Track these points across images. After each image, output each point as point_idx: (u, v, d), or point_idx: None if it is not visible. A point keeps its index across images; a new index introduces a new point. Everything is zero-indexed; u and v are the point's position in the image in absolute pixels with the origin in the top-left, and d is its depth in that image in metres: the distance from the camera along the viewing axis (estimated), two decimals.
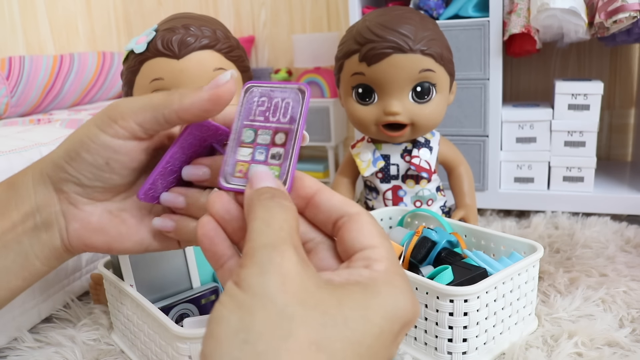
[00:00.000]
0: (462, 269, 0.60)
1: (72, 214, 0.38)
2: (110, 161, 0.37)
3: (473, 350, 0.57)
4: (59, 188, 0.38)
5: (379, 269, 0.27)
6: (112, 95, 1.42)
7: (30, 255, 0.39)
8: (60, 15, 1.60)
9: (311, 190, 0.31)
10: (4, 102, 1.07)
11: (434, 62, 0.76)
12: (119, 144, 0.36)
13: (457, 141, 1.07)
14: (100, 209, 0.39)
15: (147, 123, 0.36)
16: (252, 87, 0.35)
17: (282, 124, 0.34)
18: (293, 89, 0.34)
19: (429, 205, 0.86)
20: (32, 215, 0.38)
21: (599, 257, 0.85)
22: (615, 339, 0.61)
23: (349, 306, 0.24)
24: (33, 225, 0.39)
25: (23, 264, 0.39)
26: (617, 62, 1.28)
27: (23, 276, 0.39)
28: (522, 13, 0.99)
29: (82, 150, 0.36)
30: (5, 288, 0.39)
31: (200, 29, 0.71)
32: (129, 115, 0.36)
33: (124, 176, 0.38)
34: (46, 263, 0.40)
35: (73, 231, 0.39)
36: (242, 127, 0.34)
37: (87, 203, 0.38)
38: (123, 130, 0.36)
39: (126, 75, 0.74)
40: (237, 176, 0.33)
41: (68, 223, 0.39)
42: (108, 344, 0.66)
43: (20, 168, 0.72)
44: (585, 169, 1.05)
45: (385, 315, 0.25)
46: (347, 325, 0.23)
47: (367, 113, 0.80)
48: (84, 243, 0.39)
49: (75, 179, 0.37)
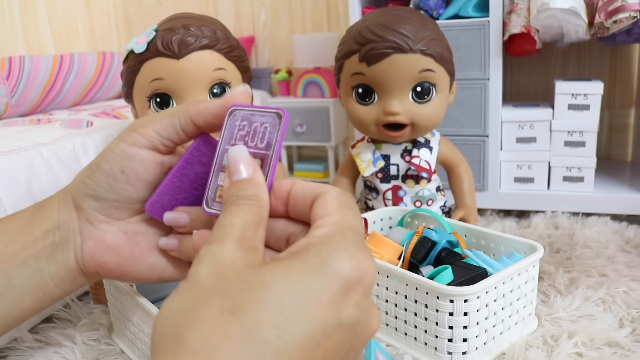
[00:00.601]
0: (462, 269, 0.60)
1: (88, 231, 0.39)
2: (125, 169, 0.38)
3: (473, 350, 0.57)
4: (78, 205, 0.39)
5: (318, 234, 0.27)
6: (112, 95, 1.42)
7: (46, 275, 0.39)
8: (60, 15, 1.60)
9: (287, 187, 0.32)
10: (4, 102, 1.07)
11: (434, 62, 0.76)
12: (135, 151, 0.37)
13: (457, 141, 1.07)
14: (115, 228, 0.40)
15: (165, 131, 0.37)
16: (235, 111, 0.36)
17: (259, 149, 0.34)
18: (271, 114, 0.34)
19: (429, 205, 0.86)
20: (53, 233, 0.39)
21: (599, 257, 0.85)
22: (615, 339, 0.61)
23: (269, 270, 0.24)
24: (52, 243, 0.39)
25: (38, 283, 0.39)
26: (617, 62, 1.28)
27: (37, 297, 0.40)
28: (522, 13, 0.99)
29: (102, 160, 0.38)
30: (18, 306, 0.39)
31: (200, 29, 0.71)
32: (148, 124, 0.37)
33: (137, 188, 0.39)
34: (60, 285, 0.40)
35: (87, 249, 0.39)
36: (224, 151, 0.35)
37: (104, 221, 0.39)
38: (141, 137, 0.37)
39: (126, 75, 0.74)
40: (217, 201, 0.35)
41: (83, 241, 0.39)
42: (108, 344, 0.66)
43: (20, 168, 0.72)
44: (585, 169, 1.05)
45: (311, 274, 0.24)
46: (263, 287, 0.23)
47: (367, 113, 0.80)
48: (97, 263, 0.39)
49: (93, 191, 0.38)
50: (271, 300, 0.22)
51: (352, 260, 0.25)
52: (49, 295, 0.40)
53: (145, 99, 0.73)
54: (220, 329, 0.22)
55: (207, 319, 0.22)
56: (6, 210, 0.69)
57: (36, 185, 0.73)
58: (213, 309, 0.22)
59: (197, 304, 0.23)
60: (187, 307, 0.23)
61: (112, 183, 0.38)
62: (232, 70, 0.74)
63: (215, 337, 0.22)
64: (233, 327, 0.22)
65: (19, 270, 0.38)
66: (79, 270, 0.40)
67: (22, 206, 0.72)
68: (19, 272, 0.38)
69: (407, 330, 0.61)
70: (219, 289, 0.23)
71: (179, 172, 0.38)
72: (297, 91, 1.50)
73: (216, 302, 0.23)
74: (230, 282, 0.24)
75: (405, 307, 0.60)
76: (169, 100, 0.72)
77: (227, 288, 0.23)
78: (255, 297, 0.23)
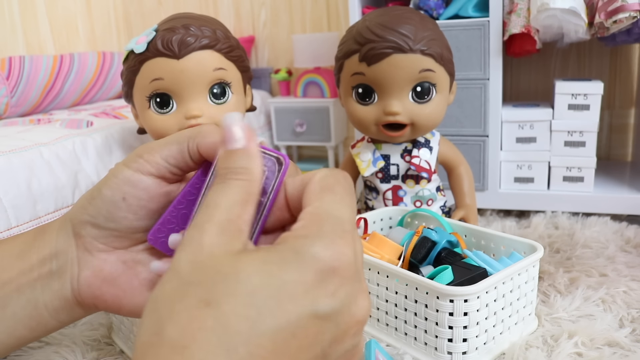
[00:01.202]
0: (462, 269, 0.60)
1: (86, 260, 0.37)
2: (127, 196, 0.35)
3: (473, 350, 0.57)
4: (77, 232, 0.37)
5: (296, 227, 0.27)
6: (112, 95, 1.42)
7: (40, 304, 0.38)
8: (60, 15, 1.60)
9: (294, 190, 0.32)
10: (4, 102, 1.07)
11: (434, 62, 0.76)
12: (139, 178, 0.35)
13: (457, 141, 1.07)
14: (114, 258, 0.38)
15: (173, 158, 0.35)
16: None
17: None
18: (272, 158, 0.33)
19: (429, 205, 0.86)
20: (50, 260, 0.38)
21: (599, 257, 0.85)
22: (615, 339, 0.61)
23: (246, 263, 0.24)
24: (48, 271, 0.38)
25: (32, 312, 0.38)
26: (617, 62, 1.28)
27: (30, 326, 0.38)
28: (522, 13, 0.99)
29: (104, 186, 0.36)
30: (11, 335, 0.38)
31: (200, 29, 0.71)
32: (156, 150, 0.35)
33: (139, 217, 0.36)
34: (55, 316, 0.38)
35: (84, 279, 0.37)
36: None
37: (103, 250, 0.37)
38: (147, 164, 0.35)
39: (126, 75, 0.74)
40: None
41: (80, 270, 0.37)
42: (108, 344, 0.66)
43: (20, 168, 0.72)
44: (585, 169, 1.05)
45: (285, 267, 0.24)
46: (238, 281, 0.23)
47: (367, 113, 0.80)
48: (94, 294, 0.38)
49: (93, 218, 0.36)
50: (245, 293, 0.23)
51: (325, 250, 0.25)
52: (43, 325, 0.38)
53: (145, 99, 0.73)
54: (195, 321, 0.23)
55: (184, 310, 0.23)
56: (6, 210, 0.69)
57: (36, 185, 0.73)
58: (190, 300, 0.23)
59: (176, 295, 0.24)
60: (168, 298, 0.24)
61: (113, 210, 0.36)
62: (232, 70, 0.74)
63: (190, 328, 0.22)
64: (208, 318, 0.22)
65: (14, 298, 0.37)
66: (76, 301, 0.38)
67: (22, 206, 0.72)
68: (13, 300, 0.37)
69: (407, 330, 0.61)
70: (197, 280, 0.24)
71: (184, 199, 0.36)
72: (297, 91, 1.50)
73: (193, 293, 0.23)
74: (208, 273, 0.24)
75: (405, 307, 0.60)
76: (169, 100, 0.72)
77: (204, 279, 0.24)
78: (230, 289, 0.23)
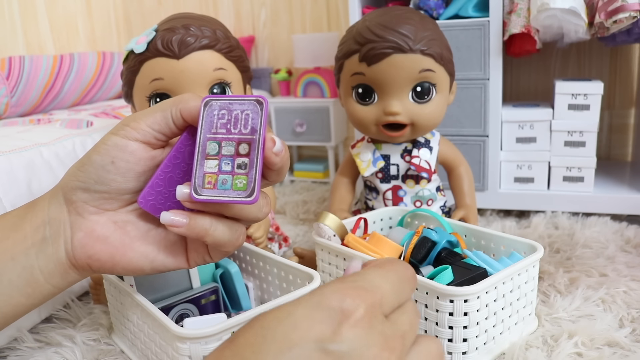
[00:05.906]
0: (462, 269, 0.60)
1: (79, 223, 0.39)
2: (115, 160, 0.38)
3: (473, 351, 0.57)
4: (68, 199, 0.39)
5: None
6: (112, 95, 1.42)
7: (35, 270, 0.39)
8: (60, 15, 1.60)
9: None
10: (4, 102, 1.07)
11: (434, 62, 0.76)
12: (126, 143, 0.38)
13: (457, 141, 1.07)
14: (105, 219, 0.40)
15: (157, 124, 0.38)
16: (211, 101, 0.37)
17: (244, 135, 0.36)
18: (251, 101, 0.36)
19: (429, 205, 0.86)
20: (43, 228, 0.39)
21: (599, 257, 0.85)
22: (615, 339, 0.61)
23: None
24: (42, 238, 0.39)
25: (28, 279, 0.39)
26: (617, 62, 1.28)
27: (27, 292, 0.40)
28: (522, 13, 0.99)
29: (94, 153, 0.38)
30: (8, 303, 0.40)
31: (200, 29, 0.71)
32: (141, 118, 0.38)
33: (127, 179, 0.39)
34: (50, 280, 0.40)
35: (77, 241, 0.39)
36: (206, 140, 0.36)
37: (94, 212, 0.40)
38: (134, 131, 0.38)
39: (126, 75, 0.74)
40: (207, 187, 0.36)
41: (73, 233, 0.39)
42: (108, 344, 0.66)
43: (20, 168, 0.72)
44: (585, 169, 1.05)
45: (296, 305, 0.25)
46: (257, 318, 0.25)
47: (367, 113, 0.80)
48: (87, 254, 0.40)
49: (83, 183, 0.39)
50: (257, 326, 0.25)
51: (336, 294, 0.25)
52: (39, 291, 0.40)
53: (145, 99, 0.73)
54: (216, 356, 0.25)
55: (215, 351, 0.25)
56: (6, 210, 0.69)
57: (36, 185, 0.73)
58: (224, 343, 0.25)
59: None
60: None
61: (102, 174, 0.38)
62: (232, 70, 0.74)
63: None
64: (226, 351, 0.24)
65: (9, 267, 0.39)
66: (70, 263, 0.40)
67: None
68: (8, 268, 0.39)
69: None
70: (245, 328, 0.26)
71: (170, 162, 0.39)
72: (297, 91, 1.50)
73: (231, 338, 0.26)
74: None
75: None
76: None
77: None
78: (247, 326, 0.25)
